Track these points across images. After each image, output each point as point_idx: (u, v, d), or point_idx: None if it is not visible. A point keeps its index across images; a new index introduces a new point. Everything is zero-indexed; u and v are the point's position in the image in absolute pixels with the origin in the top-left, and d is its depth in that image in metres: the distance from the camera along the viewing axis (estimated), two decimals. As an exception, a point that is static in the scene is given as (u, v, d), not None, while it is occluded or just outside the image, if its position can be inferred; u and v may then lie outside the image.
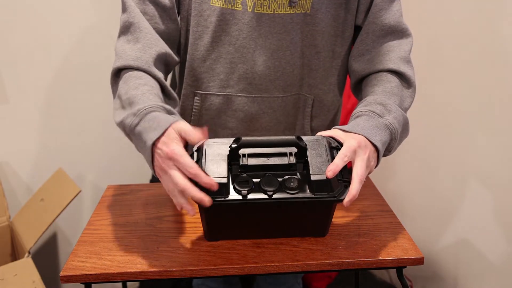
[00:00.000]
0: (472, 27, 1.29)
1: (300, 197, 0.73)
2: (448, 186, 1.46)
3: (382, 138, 0.78)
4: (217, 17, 0.90)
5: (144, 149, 0.74)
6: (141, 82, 0.81)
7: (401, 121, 0.84)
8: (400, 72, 0.91)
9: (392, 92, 0.87)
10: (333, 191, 0.73)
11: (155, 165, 0.74)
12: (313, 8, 0.90)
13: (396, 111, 0.83)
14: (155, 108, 0.75)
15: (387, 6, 0.92)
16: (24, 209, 1.37)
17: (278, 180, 0.74)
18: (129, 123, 0.75)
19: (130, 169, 1.64)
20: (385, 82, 0.90)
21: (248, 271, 0.79)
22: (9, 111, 1.42)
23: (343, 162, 0.73)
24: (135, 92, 0.79)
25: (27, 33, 1.37)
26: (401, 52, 0.92)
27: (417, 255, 0.81)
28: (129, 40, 0.87)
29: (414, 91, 0.92)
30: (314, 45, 0.94)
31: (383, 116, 0.82)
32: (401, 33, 0.94)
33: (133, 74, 0.84)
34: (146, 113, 0.75)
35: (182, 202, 0.73)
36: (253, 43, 0.92)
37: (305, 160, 0.75)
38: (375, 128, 0.79)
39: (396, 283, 1.75)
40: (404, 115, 0.85)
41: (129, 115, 0.76)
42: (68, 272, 0.77)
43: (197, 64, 0.95)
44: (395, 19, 0.93)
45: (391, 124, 0.81)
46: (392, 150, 0.85)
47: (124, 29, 0.89)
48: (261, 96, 0.97)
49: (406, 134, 0.88)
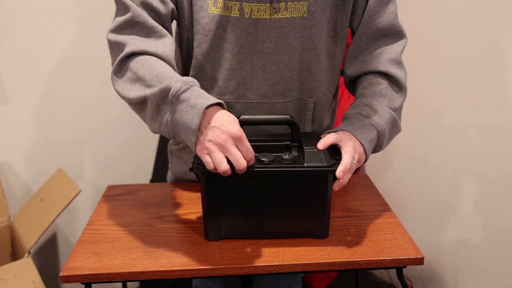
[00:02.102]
0: (470, 27, 1.30)
1: (294, 166, 0.78)
2: (448, 186, 1.46)
3: (368, 136, 0.85)
4: (215, 24, 0.90)
5: (192, 112, 0.72)
6: (164, 64, 0.81)
7: (388, 120, 0.89)
8: (390, 75, 0.95)
9: (381, 93, 0.93)
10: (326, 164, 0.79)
11: (207, 139, 0.71)
12: (309, 11, 0.90)
13: (382, 110, 0.89)
14: (197, 83, 0.77)
15: (381, 9, 0.93)
16: (24, 209, 1.37)
17: (274, 155, 0.80)
18: (177, 87, 0.73)
19: (130, 169, 1.64)
20: (375, 85, 0.95)
21: (248, 271, 0.79)
22: (9, 111, 1.42)
23: (332, 138, 0.81)
24: (164, 69, 0.78)
25: (27, 33, 1.37)
26: (392, 54, 0.95)
27: (417, 255, 0.81)
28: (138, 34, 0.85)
29: (404, 91, 0.97)
30: (313, 48, 0.94)
31: (370, 116, 0.88)
32: (395, 34, 0.96)
33: (148, 57, 0.81)
34: (193, 84, 0.75)
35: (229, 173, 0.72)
36: (251, 48, 0.92)
37: (299, 141, 0.83)
38: (361, 127, 0.86)
39: (396, 283, 1.75)
40: (392, 114, 0.90)
41: (175, 82, 0.74)
42: (68, 272, 0.78)
43: (197, 70, 0.96)
44: (389, 21, 0.94)
45: (377, 122, 0.87)
46: (383, 146, 0.91)
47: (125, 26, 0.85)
48: (261, 102, 0.97)
49: (396, 130, 0.94)
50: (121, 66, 0.83)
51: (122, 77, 0.83)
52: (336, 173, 0.77)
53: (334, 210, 0.96)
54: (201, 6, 0.89)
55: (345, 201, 1.00)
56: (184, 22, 0.93)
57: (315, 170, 0.78)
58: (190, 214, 0.96)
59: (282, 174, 0.78)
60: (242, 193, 0.81)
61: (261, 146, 0.82)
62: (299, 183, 0.80)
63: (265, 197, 0.82)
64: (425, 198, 1.56)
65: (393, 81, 0.95)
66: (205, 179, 0.79)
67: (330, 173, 0.79)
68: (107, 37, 0.86)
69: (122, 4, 0.85)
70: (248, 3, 0.88)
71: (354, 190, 1.06)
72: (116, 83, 0.84)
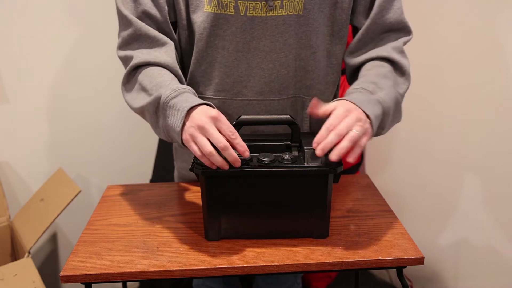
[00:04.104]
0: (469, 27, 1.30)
1: (294, 166, 0.78)
2: (448, 186, 1.46)
3: (374, 111, 0.80)
4: (211, 22, 0.90)
5: (177, 115, 0.78)
6: (165, 73, 0.88)
7: (393, 99, 0.86)
8: (393, 60, 0.93)
9: (386, 75, 0.90)
10: (326, 164, 0.78)
11: (189, 126, 0.77)
12: (305, 9, 0.90)
13: (388, 88, 0.86)
14: (189, 90, 0.84)
15: (388, 6, 0.93)
16: (24, 209, 1.37)
17: (274, 155, 0.81)
18: (167, 95, 0.81)
19: (130, 169, 1.64)
20: (379, 67, 0.92)
21: (248, 271, 0.79)
22: (9, 111, 1.42)
23: (328, 132, 0.74)
24: (162, 79, 0.86)
25: (27, 33, 1.37)
26: (395, 43, 0.95)
27: (417, 255, 0.81)
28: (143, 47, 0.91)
29: (408, 79, 0.94)
30: (310, 46, 0.94)
31: (375, 93, 0.84)
32: (402, 29, 0.96)
33: (152, 68, 0.89)
34: (183, 91, 0.82)
35: (219, 161, 0.76)
36: (247, 46, 0.92)
37: (299, 141, 0.82)
38: (366, 102, 0.81)
39: (396, 283, 1.75)
40: (397, 95, 0.87)
41: (167, 89, 0.82)
42: (68, 272, 0.78)
43: (194, 68, 0.97)
44: (396, 17, 0.94)
45: (383, 99, 0.83)
46: (385, 128, 0.86)
47: (131, 41, 0.92)
48: (257, 99, 0.97)
49: (398, 115, 0.90)
50: (128, 78, 0.92)
51: (130, 89, 0.91)
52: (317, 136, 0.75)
53: (334, 210, 0.96)
54: (197, 6, 0.90)
55: (345, 201, 1.00)
56: (181, 22, 0.94)
57: (315, 170, 0.78)
58: (190, 214, 0.96)
59: (282, 174, 0.78)
60: (242, 193, 0.81)
61: (261, 146, 0.82)
62: (299, 183, 0.80)
63: (265, 197, 0.82)
64: (425, 198, 1.56)
65: (397, 67, 0.94)
66: (205, 179, 0.79)
67: (330, 173, 0.79)
68: (117, 54, 0.94)
69: (123, 18, 0.91)
70: (243, 1, 0.88)
71: (354, 190, 1.06)
72: (124, 94, 0.93)
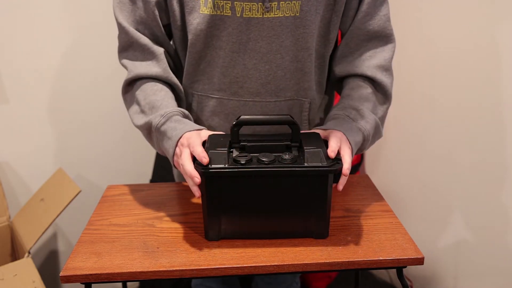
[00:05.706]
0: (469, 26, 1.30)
1: (294, 166, 0.78)
2: (448, 186, 1.46)
3: (355, 139, 0.88)
4: (207, 24, 0.90)
5: (168, 143, 0.86)
6: (157, 88, 0.94)
7: (373, 126, 0.93)
8: (376, 81, 0.96)
9: (367, 98, 0.95)
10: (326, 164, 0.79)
11: (175, 153, 0.85)
12: (302, 10, 0.90)
13: (369, 116, 0.93)
14: (177, 112, 0.90)
15: (373, 12, 0.94)
16: (24, 209, 1.37)
17: (274, 155, 0.81)
18: (157, 122, 0.89)
19: (130, 169, 1.64)
20: (361, 88, 0.97)
21: (248, 271, 0.79)
22: (9, 111, 1.42)
23: (338, 146, 0.81)
24: (154, 97, 0.93)
25: (27, 33, 1.37)
26: (381, 60, 0.96)
27: (417, 255, 0.81)
28: (136, 56, 0.96)
29: (389, 99, 0.99)
30: (307, 48, 0.94)
31: (356, 120, 0.91)
32: (385, 37, 0.97)
33: (147, 82, 0.95)
34: (171, 116, 0.89)
35: (191, 185, 0.82)
36: (243, 47, 0.93)
37: (299, 141, 0.83)
38: (349, 129, 0.88)
39: (396, 283, 1.75)
40: (376, 120, 0.94)
41: (156, 116, 0.89)
42: (68, 272, 0.78)
43: (193, 67, 0.97)
44: (381, 24, 0.95)
45: (363, 127, 0.91)
46: (364, 149, 0.96)
47: (126, 47, 0.97)
48: (253, 100, 0.97)
49: (378, 136, 0.98)
50: (127, 89, 0.99)
51: (129, 101, 0.99)
52: (343, 170, 0.78)
53: (334, 210, 0.96)
54: (193, 7, 0.90)
55: (345, 201, 1.00)
56: (176, 23, 0.94)
57: (315, 170, 0.78)
58: (190, 214, 0.96)
59: (282, 174, 0.78)
60: (242, 193, 0.81)
61: (261, 146, 0.82)
62: (299, 183, 0.80)
63: (265, 197, 0.82)
64: (425, 198, 1.56)
65: (379, 88, 0.97)
66: (205, 179, 0.79)
67: (330, 173, 0.79)
68: (118, 58, 1.01)
69: (118, 24, 0.95)
70: (240, 2, 0.88)
71: (354, 190, 1.06)
72: (126, 105, 1.00)
